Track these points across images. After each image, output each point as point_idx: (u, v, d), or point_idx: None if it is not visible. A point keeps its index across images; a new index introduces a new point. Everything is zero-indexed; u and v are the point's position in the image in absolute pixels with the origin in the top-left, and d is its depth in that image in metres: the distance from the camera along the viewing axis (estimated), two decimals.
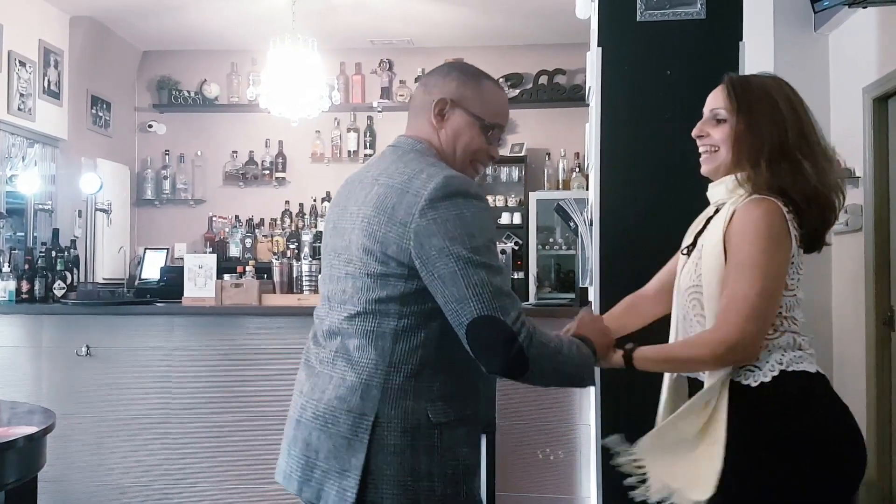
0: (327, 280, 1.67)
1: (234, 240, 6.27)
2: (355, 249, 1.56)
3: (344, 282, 1.60)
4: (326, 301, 1.66)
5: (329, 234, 1.68)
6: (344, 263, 1.60)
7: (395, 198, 1.52)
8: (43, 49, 5.43)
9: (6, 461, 2.15)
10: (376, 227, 1.53)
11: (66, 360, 3.89)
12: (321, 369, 1.63)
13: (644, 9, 2.92)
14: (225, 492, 3.84)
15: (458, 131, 1.67)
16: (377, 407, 1.52)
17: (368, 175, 1.63)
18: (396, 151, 1.65)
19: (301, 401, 1.66)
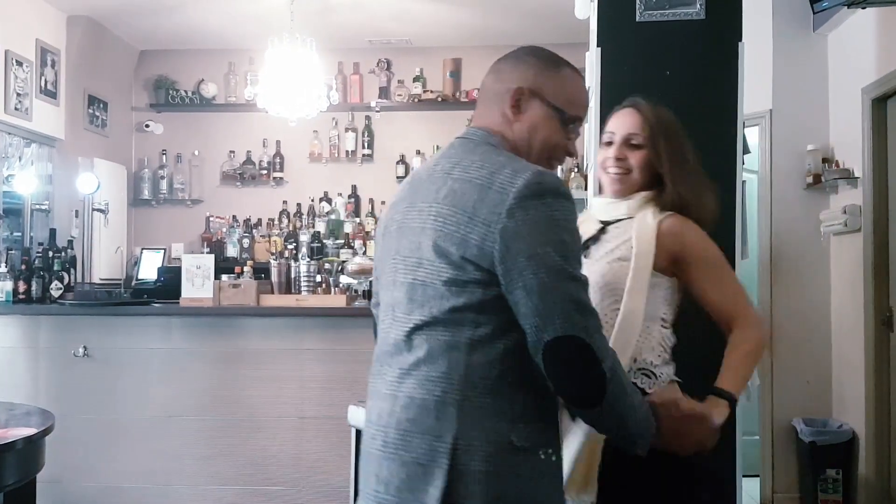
0: (390, 287, 1.46)
1: (231, 240, 6.25)
2: (426, 252, 1.38)
3: (411, 289, 1.40)
4: (390, 311, 1.46)
5: (391, 234, 1.48)
6: (412, 268, 1.41)
7: (476, 194, 1.35)
8: (40, 48, 5.41)
9: (5, 463, 2.14)
10: (454, 228, 1.35)
11: (64, 361, 3.88)
12: (387, 391, 1.42)
13: (643, 9, 2.91)
14: (223, 492, 3.83)
15: (536, 124, 1.49)
16: (455, 427, 1.32)
17: (438, 169, 1.45)
18: (468, 143, 1.48)
19: (371, 431, 1.44)
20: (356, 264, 3.98)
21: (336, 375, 3.79)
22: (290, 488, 3.82)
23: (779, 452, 4.35)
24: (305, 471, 3.81)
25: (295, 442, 3.82)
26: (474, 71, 6.42)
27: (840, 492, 4.09)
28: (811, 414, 4.30)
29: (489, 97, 1.54)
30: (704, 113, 2.90)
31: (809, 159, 4.34)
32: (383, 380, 1.44)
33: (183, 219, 6.57)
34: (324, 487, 3.80)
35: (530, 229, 1.32)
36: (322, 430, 3.80)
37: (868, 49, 3.97)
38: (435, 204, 1.39)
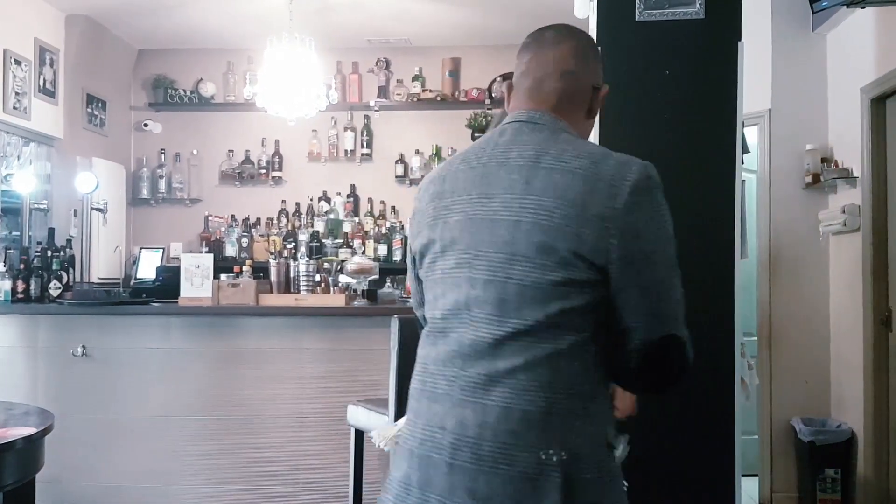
0: (463, 284, 1.34)
1: (230, 239, 6.25)
2: (525, 247, 1.28)
3: (502, 288, 1.29)
4: (464, 311, 1.33)
5: (452, 227, 1.36)
6: (501, 264, 1.30)
7: (583, 186, 1.27)
8: (38, 48, 5.40)
9: (4, 463, 2.14)
10: (562, 222, 1.26)
11: (62, 361, 3.88)
12: (464, 397, 1.30)
13: (643, 8, 2.91)
14: (222, 491, 3.83)
15: (594, 120, 1.49)
16: (563, 438, 1.25)
17: (515, 156, 1.34)
18: (540, 129, 1.38)
19: (449, 438, 1.30)
20: (355, 264, 3.98)
21: (335, 375, 3.79)
22: (290, 487, 3.82)
23: (778, 452, 4.35)
24: (304, 470, 3.81)
25: (294, 441, 3.82)
26: (473, 70, 6.42)
27: (839, 491, 4.09)
28: (810, 413, 4.30)
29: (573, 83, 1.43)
30: (704, 112, 2.91)
31: (808, 159, 4.34)
32: (452, 383, 1.32)
33: (181, 218, 6.56)
34: (323, 486, 3.80)
35: (647, 226, 1.28)
36: (321, 429, 3.80)
37: (867, 49, 3.97)
38: (530, 196, 1.29)
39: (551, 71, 1.42)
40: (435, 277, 1.40)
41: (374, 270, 3.97)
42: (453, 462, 1.29)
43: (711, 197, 2.90)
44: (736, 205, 2.91)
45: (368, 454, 3.35)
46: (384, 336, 2.98)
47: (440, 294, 1.39)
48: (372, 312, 3.86)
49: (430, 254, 1.41)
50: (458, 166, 1.42)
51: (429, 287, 1.43)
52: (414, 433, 1.37)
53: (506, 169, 1.34)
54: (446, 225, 1.38)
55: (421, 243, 1.44)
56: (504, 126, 1.42)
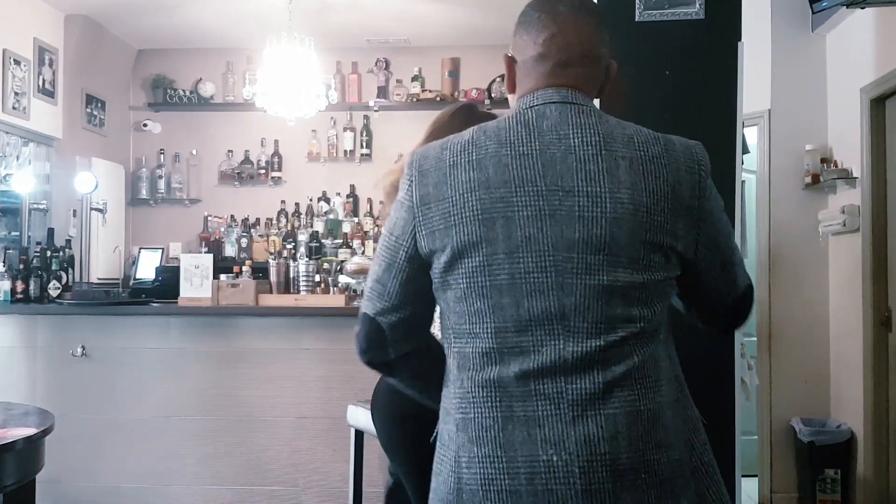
0: (550, 291, 1.19)
1: (229, 239, 6.24)
2: (629, 248, 1.19)
3: (607, 291, 1.19)
4: (556, 321, 1.19)
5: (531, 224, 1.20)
6: (603, 266, 1.19)
7: (670, 176, 1.23)
8: (38, 47, 5.40)
9: (4, 463, 2.13)
10: (661, 217, 1.20)
11: (62, 361, 3.87)
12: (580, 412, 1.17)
13: (643, 9, 2.91)
14: (221, 492, 3.83)
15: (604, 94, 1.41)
16: (682, 430, 1.23)
17: (576, 143, 1.23)
18: (585, 110, 1.28)
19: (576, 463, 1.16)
20: (355, 264, 3.97)
21: (335, 375, 3.79)
22: (289, 488, 3.81)
23: (777, 452, 4.35)
24: (304, 470, 3.81)
25: (293, 442, 3.82)
26: (473, 71, 6.42)
27: (838, 491, 4.09)
28: (810, 414, 4.31)
29: (596, 66, 1.35)
30: (703, 113, 2.90)
31: (808, 159, 4.34)
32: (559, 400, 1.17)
33: (181, 218, 6.56)
34: (322, 487, 3.80)
35: (717, 208, 1.30)
36: (321, 429, 3.79)
37: (866, 49, 3.97)
38: (623, 189, 1.20)
39: (576, 54, 1.32)
40: (494, 284, 1.21)
41: None
42: (589, 488, 1.15)
43: None
44: (736, 205, 2.91)
45: (368, 455, 3.35)
46: None
47: (508, 303, 1.20)
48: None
49: (478, 256, 1.21)
50: (495, 150, 1.24)
51: (478, 294, 1.22)
52: (511, 470, 1.17)
53: (575, 158, 1.22)
54: (510, 222, 1.20)
55: (461, 241, 1.22)
56: (538, 107, 1.28)
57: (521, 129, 1.26)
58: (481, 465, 1.19)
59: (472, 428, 1.21)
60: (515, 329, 1.20)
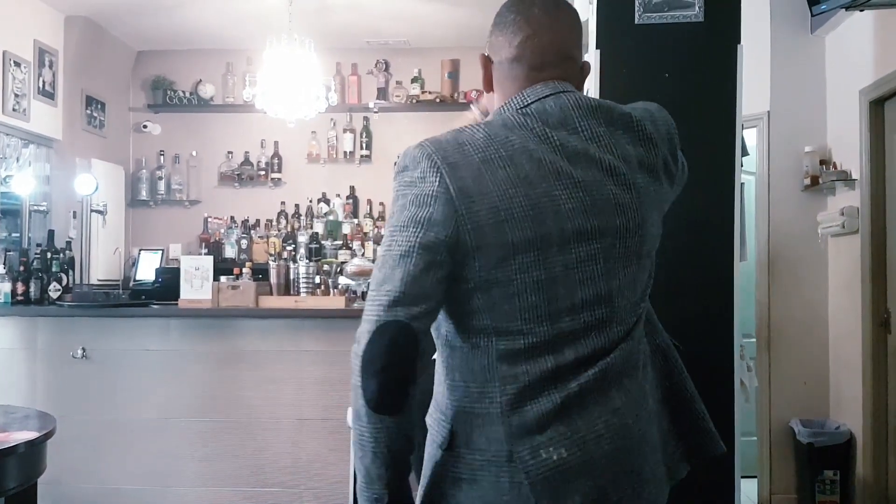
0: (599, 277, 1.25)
1: (229, 241, 6.25)
2: (650, 226, 1.30)
3: (637, 271, 1.30)
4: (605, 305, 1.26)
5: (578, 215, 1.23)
6: (636, 248, 1.28)
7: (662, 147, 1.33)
8: (38, 49, 5.41)
9: (7, 467, 2.13)
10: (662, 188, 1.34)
11: (62, 363, 3.88)
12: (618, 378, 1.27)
13: (642, 11, 2.91)
14: (221, 493, 3.83)
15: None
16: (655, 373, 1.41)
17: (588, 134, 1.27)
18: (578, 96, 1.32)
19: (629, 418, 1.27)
20: (355, 266, 3.98)
21: (334, 377, 3.79)
22: (289, 489, 3.82)
23: (776, 453, 4.36)
24: (304, 472, 3.82)
25: (293, 443, 3.83)
26: (472, 72, 6.42)
27: (837, 493, 4.10)
28: (809, 415, 4.31)
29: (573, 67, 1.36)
30: (703, 115, 2.91)
31: (807, 161, 4.35)
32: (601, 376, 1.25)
33: (181, 219, 6.56)
34: (322, 488, 3.80)
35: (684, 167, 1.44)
36: (320, 431, 3.80)
37: (865, 51, 3.98)
38: (637, 174, 1.28)
39: (551, 57, 1.33)
40: (551, 276, 1.22)
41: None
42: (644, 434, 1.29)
43: (711, 199, 2.90)
44: (735, 207, 2.92)
45: None
46: None
47: (560, 295, 1.23)
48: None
49: (535, 250, 1.21)
50: (522, 145, 1.25)
51: (524, 290, 1.22)
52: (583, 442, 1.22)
53: (595, 147, 1.26)
54: (559, 215, 1.22)
55: (516, 237, 1.21)
56: (536, 104, 1.29)
57: (534, 124, 1.27)
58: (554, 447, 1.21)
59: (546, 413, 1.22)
60: (570, 318, 1.24)
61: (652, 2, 2.92)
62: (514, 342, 1.23)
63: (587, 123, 1.27)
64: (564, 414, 1.21)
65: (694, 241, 2.86)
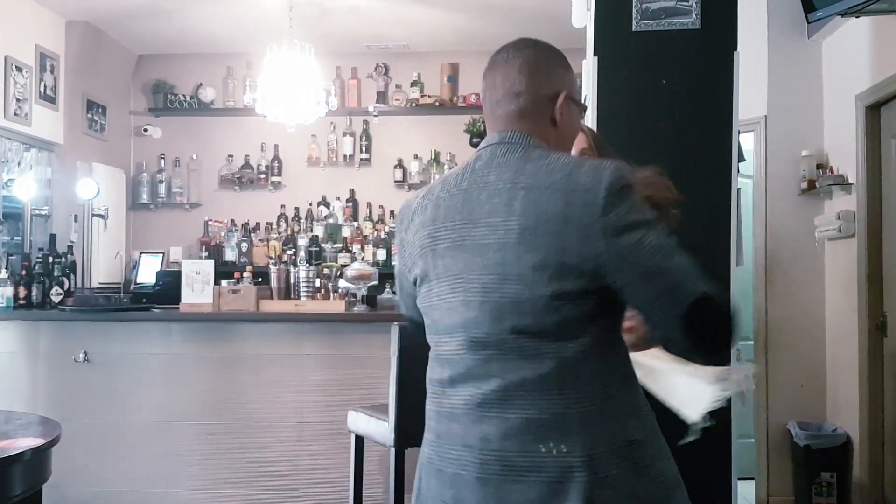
0: (458, 308, 1.40)
1: (229, 244, 6.27)
2: (516, 267, 1.34)
3: (497, 308, 1.36)
4: (460, 332, 1.40)
5: (440, 254, 1.42)
6: (494, 285, 1.36)
7: (561, 199, 1.32)
8: (39, 54, 5.43)
9: (13, 474, 2.15)
10: (547, 239, 1.32)
11: (64, 367, 3.90)
12: (483, 413, 1.36)
13: (639, 19, 2.95)
14: (222, 497, 3.85)
15: (569, 125, 1.50)
16: (583, 440, 1.32)
17: (493, 180, 1.39)
18: (514, 149, 1.42)
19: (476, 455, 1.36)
20: (355, 270, 4.00)
21: (335, 380, 3.82)
22: (289, 493, 3.84)
23: (774, 455, 4.39)
24: (304, 476, 3.84)
25: (294, 447, 3.85)
26: (472, 76, 6.44)
27: (834, 495, 4.12)
28: (806, 417, 4.34)
29: (525, 101, 1.45)
30: (700, 121, 2.94)
31: (804, 165, 4.38)
32: (469, 402, 1.38)
33: (181, 223, 6.59)
34: (323, 492, 3.82)
35: (628, 218, 1.31)
36: (321, 435, 3.82)
37: (862, 56, 4.01)
38: (513, 217, 1.34)
39: (501, 96, 1.46)
40: (432, 304, 1.46)
41: (373, 276, 4.00)
42: (483, 476, 1.35)
43: (708, 204, 2.93)
44: (732, 211, 2.95)
45: (369, 460, 3.38)
46: (384, 342, 3.00)
47: (438, 319, 1.45)
48: (372, 318, 3.88)
49: (427, 283, 1.46)
50: (438, 194, 1.47)
51: (427, 313, 1.49)
52: (440, 454, 1.43)
53: (486, 193, 1.39)
54: (435, 253, 1.44)
55: (416, 274, 1.49)
56: (480, 151, 1.47)
57: (461, 172, 1.47)
58: (428, 446, 1.47)
59: (429, 416, 1.48)
60: (445, 341, 1.45)
61: (649, 9, 2.95)
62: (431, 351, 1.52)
63: (497, 171, 1.40)
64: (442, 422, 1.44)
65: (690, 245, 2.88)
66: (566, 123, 1.48)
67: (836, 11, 3.69)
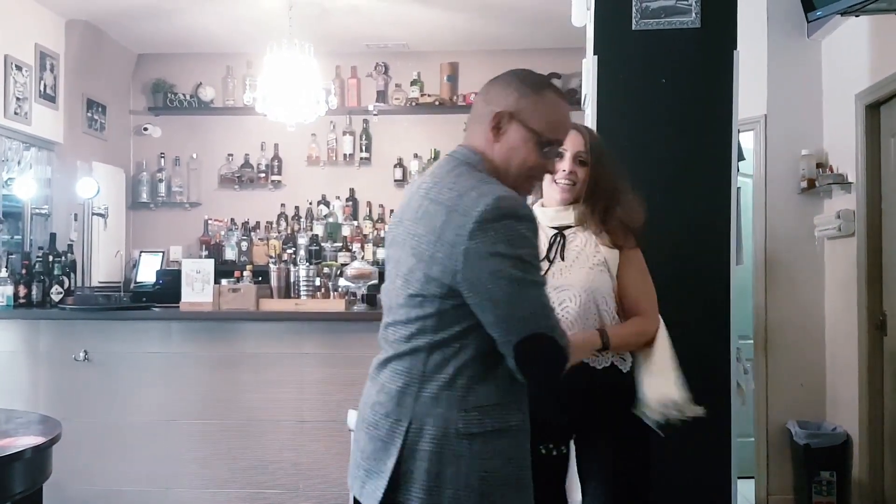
0: (388, 291, 1.68)
1: (229, 243, 6.28)
2: (403, 266, 1.59)
3: (395, 294, 1.63)
4: (387, 310, 1.69)
5: (389, 244, 1.70)
6: (400, 278, 1.61)
7: (444, 216, 1.51)
8: (39, 53, 5.43)
9: (13, 472, 2.15)
10: (424, 247, 1.53)
11: (64, 365, 3.90)
12: (373, 376, 1.68)
13: (639, 18, 2.95)
14: (222, 495, 3.86)
15: (514, 147, 1.62)
16: (410, 414, 1.55)
17: (421, 188, 1.61)
18: (451, 162, 1.64)
19: (360, 407, 1.71)
20: (355, 269, 4.00)
21: (335, 379, 3.82)
22: (290, 491, 3.84)
23: (773, 454, 4.39)
24: (305, 474, 3.84)
25: (294, 445, 3.85)
26: (471, 75, 6.45)
27: (834, 494, 4.13)
28: (805, 416, 4.34)
29: (476, 118, 1.67)
30: (699, 120, 2.94)
31: (803, 164, 4.38)
32: (374, 366, 1.69)
33: (181, 222, 6.59)
34: (323, 491, 3.83)
35: (490, 249, 1.46)
36: (321, 433, 3.83)
37: (861, 55, 4.01)
38: (412, 223, 1.58)
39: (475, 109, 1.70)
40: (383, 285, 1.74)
41: (373, 275, 4.00)
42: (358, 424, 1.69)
43: (707, 203, 2.94)
44: (732, 211, 2.95)
45: None
46: None
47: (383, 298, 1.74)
48: (371, 317, 3.88)
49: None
50: (405, 191, 1.74)
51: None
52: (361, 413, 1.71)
53: (413, 199, 1.62)
54: (387, 242, 1.74)
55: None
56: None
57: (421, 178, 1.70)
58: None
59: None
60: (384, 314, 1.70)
61: (649, 8, 2.95)
62: None
63: (427, 181, 1.62)
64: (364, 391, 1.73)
65: (691, 244, 2.89)
66: (505, 143, 1.62)
67: (835, 10, 3.69)
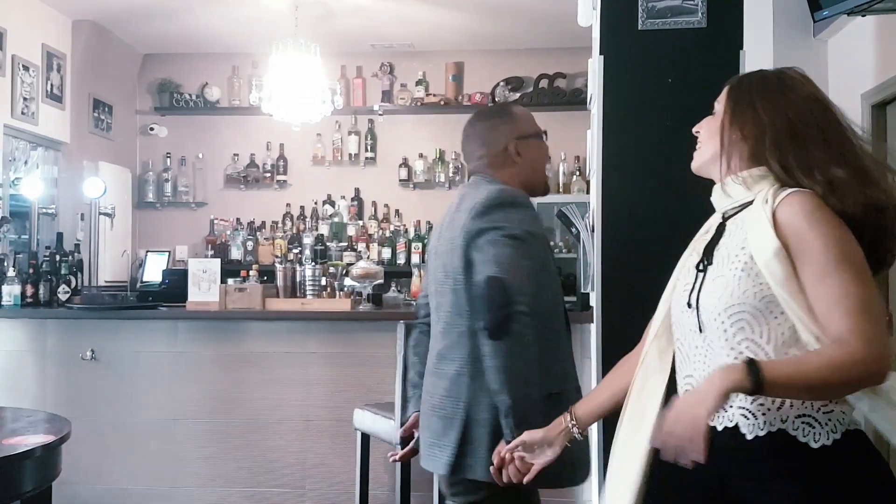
0: (434, 296, 2.12)
1: (235, 242, 6.30)
2: (451, 264, 2.02)
3: (441, 295, 2.07)
4: (435, 312, 2.11)
5: (429, 256, 2.19)
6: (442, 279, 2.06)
7: (465, 213, 2.00)
8: (46, 53, 5.46)
9: (24, 470, 2.17)
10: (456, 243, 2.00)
11: (71, 365, 3.92)
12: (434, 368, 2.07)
13: (645, 17, 2.94)
14: (228, 494, 3.87)
15: (533, 153, 2.15)
16: (467, 392, 1.95)
17: (456, 203, 2.09)
18: (478, 182, 2.10)
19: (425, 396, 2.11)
20: (361, 268, 4.01)
21: (341, 379, 3.83)
22: (296, 490, 3.85)
23: None
24: (310, 473, 3.85)
25: (300, 445, 3.86)
26: (476, 74, 6.46)
27: None
28: None
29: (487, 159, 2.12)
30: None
31: None
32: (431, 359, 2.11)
33: (187, 221, 6.61)
34: (329, 490, 3.83)
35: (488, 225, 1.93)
36: (327, 433, 3.83)
37: (868, 55, 4.00)
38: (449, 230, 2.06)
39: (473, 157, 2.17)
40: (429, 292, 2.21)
41: (379, 275, 4.00)
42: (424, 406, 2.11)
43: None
44: None
45: (374, 458, 3.39)
46: (389, 340, 3.01)
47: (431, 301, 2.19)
48: (377, 317, 3.89)
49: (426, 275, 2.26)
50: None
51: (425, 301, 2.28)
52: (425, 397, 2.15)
53: (451, 213, 2.09)
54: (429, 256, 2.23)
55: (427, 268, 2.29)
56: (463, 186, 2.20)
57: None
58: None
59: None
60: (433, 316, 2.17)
61: (655, 8, 2.95)
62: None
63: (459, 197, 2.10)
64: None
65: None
66: (525, 158, 2.12)
67: (842, 10, 3.68)
